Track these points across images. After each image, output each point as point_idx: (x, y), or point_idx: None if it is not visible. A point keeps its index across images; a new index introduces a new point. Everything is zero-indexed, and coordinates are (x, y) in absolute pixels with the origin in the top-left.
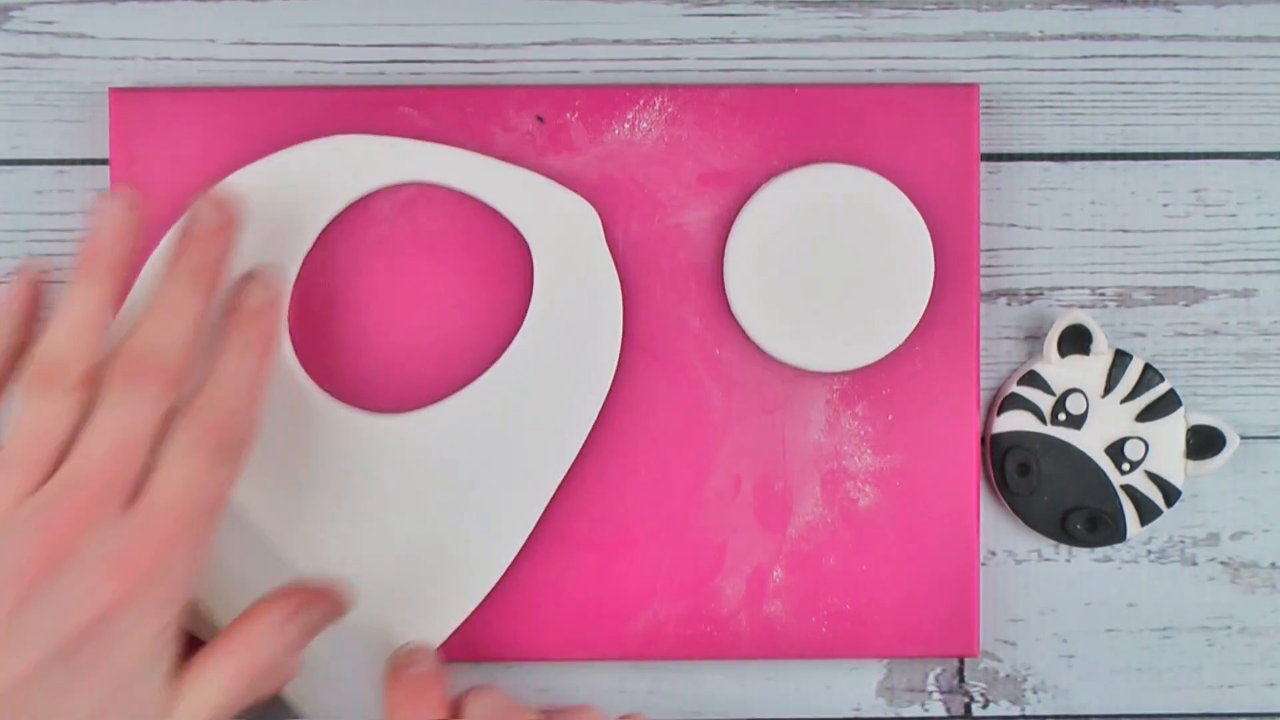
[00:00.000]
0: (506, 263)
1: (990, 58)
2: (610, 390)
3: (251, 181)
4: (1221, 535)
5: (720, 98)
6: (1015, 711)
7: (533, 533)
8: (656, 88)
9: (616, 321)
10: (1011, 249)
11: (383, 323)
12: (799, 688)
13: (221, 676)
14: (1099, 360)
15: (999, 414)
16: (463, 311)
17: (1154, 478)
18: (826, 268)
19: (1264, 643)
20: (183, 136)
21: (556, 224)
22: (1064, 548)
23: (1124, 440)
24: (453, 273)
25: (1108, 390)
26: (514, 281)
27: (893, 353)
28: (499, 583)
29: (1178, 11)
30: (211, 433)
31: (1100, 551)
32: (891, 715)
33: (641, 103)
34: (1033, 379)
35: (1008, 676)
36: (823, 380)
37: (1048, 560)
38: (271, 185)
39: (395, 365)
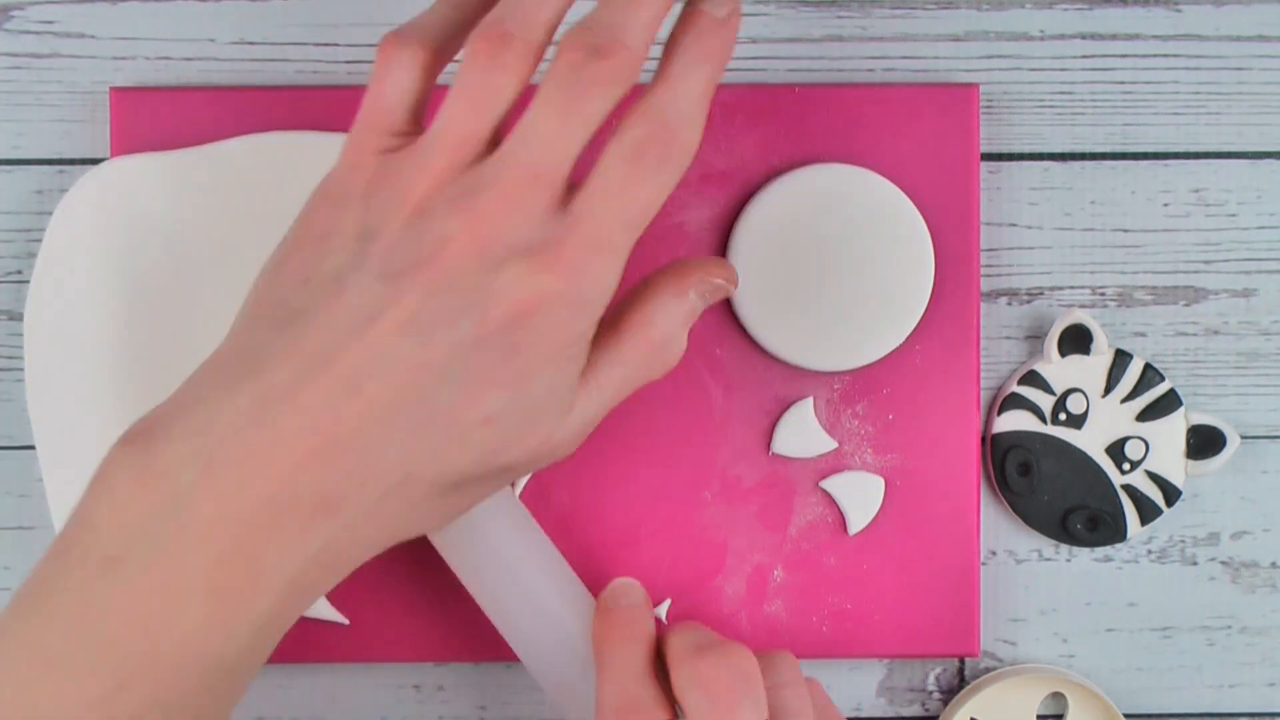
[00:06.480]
0: None
1: (990, 57)
2: None
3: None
4: (1222, 535)
5: (721, 97)
6: None
7: None
8: None
9: None
10: (1012, 249)
11: None
12: None
13: (620, 371)
14: (1099, 360)
15: (999, 414)
16: None
17: (1154, 477)
18: (827, 267)
19: (1264, 642)
20: (183, 136)
21: None
22: (1064, 547)
23: (1124, 440)
24: None
25: (1108, 390)
26: None
27: (893, 352)
28: None
29: (1178, 11)
30: (658, 136)
31: (1100, 551)
32: (892, 715)
33: None
34: (1033, 379)
35: None
36: (823, 379)
37: (1048, 560)
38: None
39: None
